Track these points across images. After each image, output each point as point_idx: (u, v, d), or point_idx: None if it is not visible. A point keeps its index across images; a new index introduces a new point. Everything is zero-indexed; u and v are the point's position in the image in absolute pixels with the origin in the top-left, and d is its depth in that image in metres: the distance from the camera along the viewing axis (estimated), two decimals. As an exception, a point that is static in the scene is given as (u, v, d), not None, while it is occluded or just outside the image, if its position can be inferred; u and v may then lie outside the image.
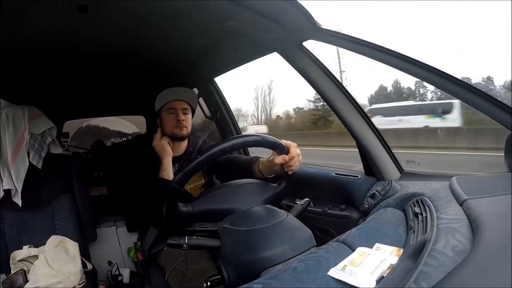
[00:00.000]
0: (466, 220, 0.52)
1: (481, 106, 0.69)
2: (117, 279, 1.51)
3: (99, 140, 2.38)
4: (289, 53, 1.03)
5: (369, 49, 0.82)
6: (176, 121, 1.13)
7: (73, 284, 1.06)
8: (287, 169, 0.75)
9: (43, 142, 1.24)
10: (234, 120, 1.72)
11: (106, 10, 0.91)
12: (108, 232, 1.66)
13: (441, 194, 0.67)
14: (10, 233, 1.18)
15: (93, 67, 1.44)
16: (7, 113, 1.18)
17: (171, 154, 1.10)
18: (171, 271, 1.00)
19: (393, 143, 0.97)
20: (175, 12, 0.98)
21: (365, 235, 0.59)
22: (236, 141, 0.67)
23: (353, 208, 1.07)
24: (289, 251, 0.58)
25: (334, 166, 1.30)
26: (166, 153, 1.09)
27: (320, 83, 1.01)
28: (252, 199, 0.70)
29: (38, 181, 1.22)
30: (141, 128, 2.91)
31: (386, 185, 0.92)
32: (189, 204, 0.68)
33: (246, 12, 0.87)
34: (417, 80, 10.51)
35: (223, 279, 0.59)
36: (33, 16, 0.88)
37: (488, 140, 4.16)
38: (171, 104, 1.15)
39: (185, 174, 0.64)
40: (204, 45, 1.32)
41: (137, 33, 1.12)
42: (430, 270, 0.42)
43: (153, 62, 1.46)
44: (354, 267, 0.47)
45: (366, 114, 1.01)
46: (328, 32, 0.89)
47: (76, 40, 1.12)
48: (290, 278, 0.47)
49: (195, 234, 0.66)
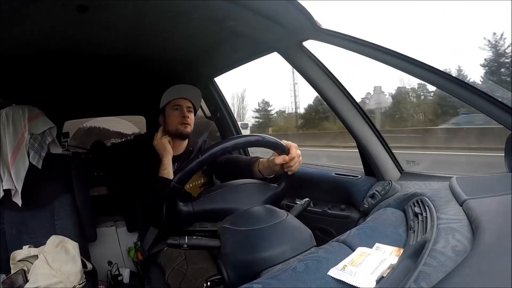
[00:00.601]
0: (466, 220, 0.52)
1: (481, 106, 0.69)
2: (117, 279, 1.51)
3: (99, 140, 2.38)
4: (289, 53, 1.03)
5: (369, 49, 0.82)
6: (181, 117, 1.14)
7: (73, 284, 1.05)
8: (287, 169, 0.75)
9: (43, 142, 1.24)
10: (234, 120, 1.72)
11: (106, 10, 0.91)
12: (108, 232, 1.66)
13: (441, 194, 0.67)
14: (10, 233, 1.18)
15: (93, 67, 1.44)
16: (7, 113, 1.18)
17: (171, 153, 1.10)
18: (171, 271, 1.00)
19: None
20: (175, 12, 0.98)
21: (365, 235, 0.59)
22: (237, 140, 0.67)
23: (353, 208, 1.07)
24: (289, 251, 0.58)
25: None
26: (167, 151, 1.09)
27: (320, 83, 1.01)
28: (252, 199, 0.70)
29: (38, 181, 1.22)
30: (141, 128, 2.91)
31: (386, 185, 0.92)
32: (189, 204, 0.67)
33: (246, 12, 0.87)
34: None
35: (223, 279, 0.59)
36: (33, 16, 0.88)
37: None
38: (176, 101, 1.16)
39: (186, 173, 0.63)
40: (204, 45, 1.32)
41: (137, 33, 1.12)
42: (430, 270, 0.42)
43: (153, 62, 1.46)
44: (354, 267, 0.47)
45: (366, 114, 1.01)
46: (328, 32, 0.89)
47: (76, 40, 1.12)
48: (290, 278, 0.47)
49: (195, 234, 0.66)
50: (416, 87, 14.38)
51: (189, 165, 0.63)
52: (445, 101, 11.46)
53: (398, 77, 16.08)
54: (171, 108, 1.16)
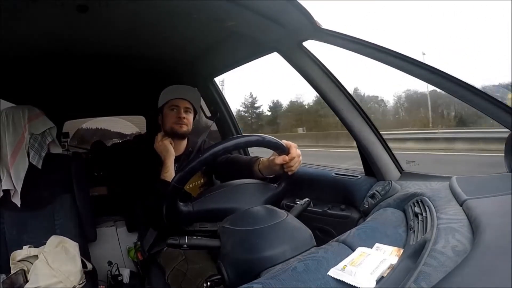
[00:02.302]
0: (466, 220, 0.52)
1: (481, 106, 0.69)
2: (117, 279, 1.51)
3: (99, 140, 2.38)
4: (289, 53, 1.03)
5: (369, 49, 0.82)
6: (176, 117, 1.14)
7: (73, 284, 1.05)
8: (287, 169, 0.75)
9: (43, 142, 1.24)
10: (234, 120, 1.72)
11: (106, 10, 0.91)
12: (108, 232, 1.66)
13: (441, 194, 0.67)
14: (10, 233, 1.18)
15: (93, 67, 1.44)
16: (7, 113, 1.18)
17: (173, 155, 1.09)
18: (171, 271, 1.00)
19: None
20: (175, 12, 0.98)
21: (365, 235, 0.59)
22: (238, 140, 0.67)
23: (353, 208, 1.07)
24: (289, 251, 0.58)
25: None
26: (169, 153, 1.08)
27: (320, 83, 1.01)
28: (252, 199, 0.70)
29: (38, 181, 1.22)
30: (140, 128, 2.91)
31: (386, 185, 0.92)
32: (189, 204, 0.67)
33: (246, 12, 0.87)
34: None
35: (223, 279, 0.59)
36: (33, 16, 0.88)
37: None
38: (174, 101, 1.15)
39: (186, 173, 0.63)
40: (204, 45, 1.32)
41: (137, 33, 1.12)
42: (430, 270, 0.42)
43: (153, 62, 1.46)
44: (354, 267, 0.47)
45: (366, 114, 1.01)
46: (328, 32, 0.89)
47: (76, 40, 1.12)
48: (290, 278, 0.47)
49: (195, 234, 0.66)
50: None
51: (189, 165, 0.63)
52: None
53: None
54: (168, 108, 1.16)
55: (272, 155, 0.79)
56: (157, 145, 1.11)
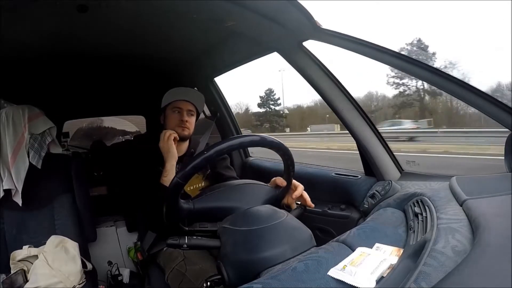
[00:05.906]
0: (466, 220, 0.52)
1: (481, 106, 0.69)
2: (117, 279, 1.51)
3: (99, 140, 2.38)
4: (289, 53, 1.03)
5: (369, 49, 0.82)
6: (179, 120, 1.13)
7: (73, 284, 1.05)
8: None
9: (43, 142, 1.24)
10: (234, 120, 1.72)
11: (106, 10, 0.91)
12: (108, 232, 1.66)
13: (441, 194, 0.67)
14: (10, 233, 1.17)
15: (93, 67, 1.44)
16: (7, 113, 1.17)
17: (176, 158, 1.06)
18: (170, 271, 1.00)
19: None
20: (175, 12, 0.98)
21: (365, 235, 0.59)
22: (242, 139, 0.67)
23: (353, 208, 1.07)
24: (289, 251, 0.58)
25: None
26: (171, 155, 1.06)
27: (320, 83, 1.01)
28: (252, 199, 0.70)
29: (38, 181, 1.21)
30: (140, 128, 2.91)
31: (386, 185, 0.92)
32: (190, 201, 0.67)
33: (246, 12, 0.87)
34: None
35: (223, 279, 0.59)
36: (33, 16, 0.88)
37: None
38: (177, 103, 1.15)
39: (191, 169, 0.62)
40: (204, 45, 1.32)
41: (137, 33, 1.12)
42: (430, 270, 0.42)
43: (153, 62, 1.46)
44: (354, 267, 0.47)
45: (367, 114, 1.01)
46: (328, 32, 0.89)
47: (76, 40, 1.12)
48: (290, 278, 0.47)
49: (195, 234, 0.66)
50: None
51: (194, 161, 0.62)
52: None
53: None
54: (171, 109, 1.15)
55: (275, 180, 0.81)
56: (162, 144, 1.08)
